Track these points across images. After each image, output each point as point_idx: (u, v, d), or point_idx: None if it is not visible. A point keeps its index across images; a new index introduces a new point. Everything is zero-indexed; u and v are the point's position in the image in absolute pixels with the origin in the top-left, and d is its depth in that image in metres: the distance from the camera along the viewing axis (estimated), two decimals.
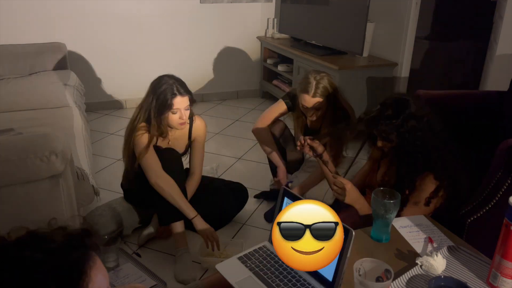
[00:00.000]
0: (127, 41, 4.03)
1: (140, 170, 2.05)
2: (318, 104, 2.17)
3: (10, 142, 1.66)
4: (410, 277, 1.15)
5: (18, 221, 1.56)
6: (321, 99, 2.16)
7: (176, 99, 1.95)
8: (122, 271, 1.92)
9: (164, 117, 1.99)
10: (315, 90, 2.15)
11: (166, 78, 2.00)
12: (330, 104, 2.22)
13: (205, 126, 2.23)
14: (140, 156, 2.00)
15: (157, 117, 1.98)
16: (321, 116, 2.27)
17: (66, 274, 0.67)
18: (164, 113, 1.97)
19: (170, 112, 1.97)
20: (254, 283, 1.13)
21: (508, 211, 1.04)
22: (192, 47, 4.28)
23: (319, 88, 2.15)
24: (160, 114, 1.98)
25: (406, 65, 3.43)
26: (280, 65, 4.21)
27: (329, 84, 2.18)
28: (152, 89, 2.00)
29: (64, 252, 0.69)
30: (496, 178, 1.51)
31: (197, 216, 2.03)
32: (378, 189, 1.32)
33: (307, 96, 2.17)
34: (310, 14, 3.85)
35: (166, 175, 2.00)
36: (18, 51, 3.43)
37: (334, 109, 2.24)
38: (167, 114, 1.98)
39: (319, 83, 2.16)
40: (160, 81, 1.99)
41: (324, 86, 2.16)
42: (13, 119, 2.50)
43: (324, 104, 2.19)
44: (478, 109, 2.25)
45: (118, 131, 3.63)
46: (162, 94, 1.95)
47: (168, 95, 1.94)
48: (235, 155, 3.25)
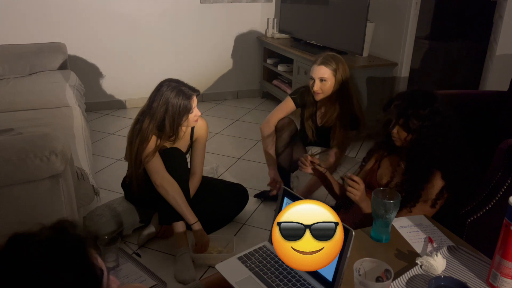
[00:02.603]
0: (127, 41, 4.03)
1: (144, 174, 2.05)
2: (324, 74, 2.19)
3: (10, 142, 1.66)
4: (410, 277, 1.15)
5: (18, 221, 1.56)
6: (328, 69, 2.19)
7: (193, 100, 1.99)
8: (122, 271, 1.92)
9: (183, 121, 2.01)
10: (323, 59, 2.21)
11: (171, 83, 2.00)
12: (340, 90, 2.23)
13: (207, 126, 2.24)
14: (146, 160, 2.00)
15: (175, 123, 1.99)
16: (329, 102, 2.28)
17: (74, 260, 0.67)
18: (183, 116, 1.99)
19: (189, 114, 2.01)
20: (254, 283, 1.13)
21: (508, 211, 1.04)
22: (192, 47, 4.28)
23: (328, 59, 2.21)
24: (180, 120, 2.00)
25: (406, 65, 3.43)
26: (280, 65, 4.21)
27: (341, 65, 2.22)
28: (162, 98, 1.96)
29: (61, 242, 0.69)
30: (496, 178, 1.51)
31: (197, 223, 2.04)
32: (378, 189, 1.32)
33: (314, 65, 2.22)
34: (310, 14, 3.85)
35: (171, 178, 2.00)
36: (18, 51, 3.43)
37: (344, 98, 2.25)
38: (186, 117, 2.01)
39: (328, 56, 2.22)
40: (168, 88, 1.97)
41: (334, 60, 2.21)
42: (13, 119, 2.50)
43: (330, 77, 2.20)
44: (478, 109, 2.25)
45: (118, 131, 3.63)
46: (178, 101, 1.95)
47: (186, 99, 1.96)
48: (235, 155, 3.25)
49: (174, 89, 1.96)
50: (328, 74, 2.20)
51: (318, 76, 2.21)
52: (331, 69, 2.20)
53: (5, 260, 0.66)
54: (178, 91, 1.96)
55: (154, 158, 2.00)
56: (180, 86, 1.99)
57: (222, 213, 2.33)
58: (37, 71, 3.41)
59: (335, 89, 2.23)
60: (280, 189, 1.25)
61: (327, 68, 2.20)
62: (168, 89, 1.96)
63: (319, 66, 2.21)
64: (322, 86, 2.22)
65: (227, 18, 4.31)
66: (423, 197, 1.52)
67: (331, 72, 2.20)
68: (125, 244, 2.16)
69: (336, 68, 2.21)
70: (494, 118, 2.19)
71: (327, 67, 2.20)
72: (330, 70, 2.20)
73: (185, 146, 2.21)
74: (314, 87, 2.23)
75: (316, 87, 2.22)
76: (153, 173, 2.00)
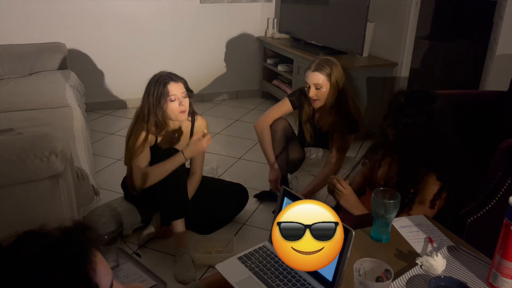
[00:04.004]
0: (127, 41, 4.03)
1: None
2: (318, 80, 2.20)
3: (10, 142, 1.66)
4: (410, 277, 1.15)
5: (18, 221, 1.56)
6: (322, 75, 2.20)
7: (171, 85, 1.98)
8: (122, 271, 1.92)
9: (162, 107, 2.00)
10: (317, 65, 2.21)
11: (158, 73, 2.04)
12: (336, 93, 2.24)
13: (207, 125, 2.24)
14: (135, 155, 2.02)
15: (155, 109, 1.99)
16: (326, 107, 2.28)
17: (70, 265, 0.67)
18: (161, 101, 1.99)
19: (169, 100, 1.99)
20: (254, 283, 1.13)
21: (508, 211, 1.04)
22: (192, 47, 4.28)
23: (321, 64, 2.21)
24: (158, 104, 1.99)
25: (406, 65, 3.43)
26: (280, 65, 4.21)
27: (335, 68, 2.22)
28: (147, 85, 2.03)
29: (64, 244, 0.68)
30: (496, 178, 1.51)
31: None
32: (378, 189, 1.32)
33: (309, 71, 2.22)
34: (310, 14, 3.85)
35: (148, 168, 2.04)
36: (18, 51, 3.43)
37: (341, 101, 2.26)
38: (165, 103, 1.99)
39: (322, 61, 2.22)
40: (153, 77, 2.03)
41: (328, 64, 2.21)
42: (13, 119, 2.50)
43: (325, 83, 2.21)
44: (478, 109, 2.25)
45: (118, 131, 3.63)
46: (156, 84, 1.98)
47: (161, 83, 1.97)
48: (235, 155, 3.25)
49: (154, 78, 2.01)
50: (322, 79, 2.21)
51: (312, 82, 2.22)
52: (325, 74, 2.20)
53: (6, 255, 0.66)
54: (157, 78, 2.00)
55: (142, 154, 2.02)
56: (166, 73, 2.02)
57: (222, 213, 2.33)
58: (37, 71, 3.42)
59: (331, 93, 2.24)
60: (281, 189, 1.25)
61: (321, 74, 2.20)
62: (151, 79, 2.02)
63: (313, 72, 2.21)
64: (318, 92, 2.23)
65: (227, 18, 4.31)
66: (417, 198, 1.52)
67: (325, 77, 2.21)
68: (125, 244, 2.16)
69: (330, 72, 2.21)
70: (494, 118, 2.19)
71: (321, 73, 2.20)
72: (324, 76, 2.21)
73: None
74: (310, 94, 2.24)
75: (312, 93, 2.23)
76: (135, 169, 2.03)
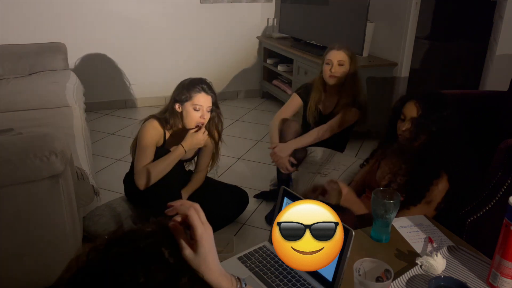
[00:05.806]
0: (127, 41, 4.03)
1: None
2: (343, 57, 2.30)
3: (10, 142, 1.66)
4: (410, 277, 1.15)
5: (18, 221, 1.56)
6: (346, 54, 2.31)
7: (201, 95, 1.98)
8: None
9: (183, 107, 2.00)
10: (341, 45, 2.33)
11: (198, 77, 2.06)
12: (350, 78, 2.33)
13: None
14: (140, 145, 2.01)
15: (175, 103, 2.00)
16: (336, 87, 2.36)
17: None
18: (183, 101, 1.98)
19: (192, 107, 1.98)
20: (254, 283, 1.13)
21: (508, 211, 1.04)
22: (192, 47, 4.28)
23: (345, 45, 2.34)
24: (179, 101, 1.99)
25: (406, 65, 3.43)
26: (280, 65, 4.21)
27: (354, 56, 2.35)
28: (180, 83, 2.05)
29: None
30: (496, 178, 1.51)
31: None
32: (378, 189, 1.32)
33: (333, 50, 2.33)
34: (310, 14, 3.85)
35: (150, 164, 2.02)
36: (18, 51, 3.43)
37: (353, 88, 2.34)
38: (188, 106, 1.99)
39: (343, 44, 2.35)
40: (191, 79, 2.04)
41: (349, 48, 2.34)
42: (13, 119, 2.50)
43: (347, 62, 2.31)
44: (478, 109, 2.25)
45: (118, 131, 3.63)
46: (189, 85, 1.99)
47: (193, 88, 1.98)
48: (235, 155, 3.25)
49: (191, 79, 2.03)
50: (346, 58, 2.31)
51: (337, 59, 2.31)
52: (348, 55, 2.32)
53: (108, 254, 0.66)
54: (196, 81, 2.01)
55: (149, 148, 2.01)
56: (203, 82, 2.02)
57: (222, 214, 2.32)
58: (37, 71, 3.41)
59: (351, 71, 2.33)
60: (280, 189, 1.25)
61: (345, 53, 2.31)
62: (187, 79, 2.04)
63: (338, 51, 2.32)
64: (339, 69, 2.31)
65: (227, 18, 4.31)
66: (426, 198, 1.52)
67: (348, 58, 2.32)
68: None
69: (352, 56, 2.33)
70: (494, 118, 2.19)
71: (344, 52, 2.31)
72: (348, 56, 2.31)
73: (193, 150, 2.22)
74: (332, 69, 2.31)
75: (335, 69, 2.31)
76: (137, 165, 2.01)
